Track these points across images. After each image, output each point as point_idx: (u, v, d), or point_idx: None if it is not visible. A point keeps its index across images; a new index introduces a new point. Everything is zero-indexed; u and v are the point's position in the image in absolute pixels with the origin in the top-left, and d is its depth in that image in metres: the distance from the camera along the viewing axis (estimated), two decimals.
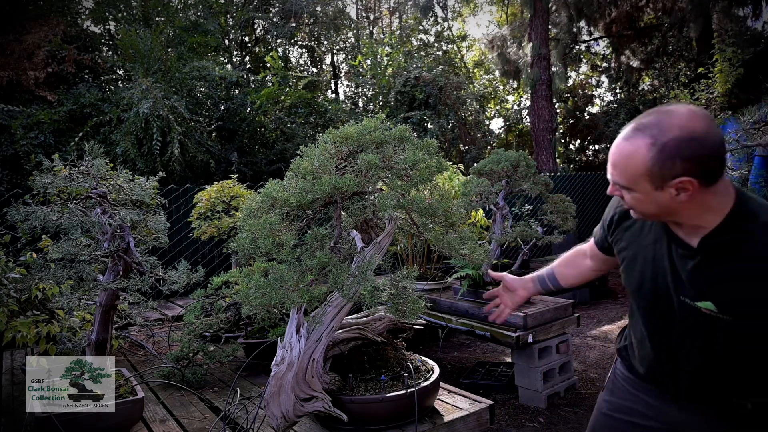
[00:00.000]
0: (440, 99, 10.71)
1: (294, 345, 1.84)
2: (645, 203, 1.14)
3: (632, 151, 1.09)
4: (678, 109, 1.08)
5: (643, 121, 1.10)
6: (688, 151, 1.04)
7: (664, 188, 1.08)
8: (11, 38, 7.14)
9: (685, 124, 1.05)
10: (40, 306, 2.89)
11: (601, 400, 1.55)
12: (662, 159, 1.05)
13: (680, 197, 1.09)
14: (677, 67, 13.94)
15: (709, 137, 1.04)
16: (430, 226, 1.96)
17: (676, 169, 1.05)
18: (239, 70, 9.74)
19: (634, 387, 1.44)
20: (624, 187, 1.15)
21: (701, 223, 1.13)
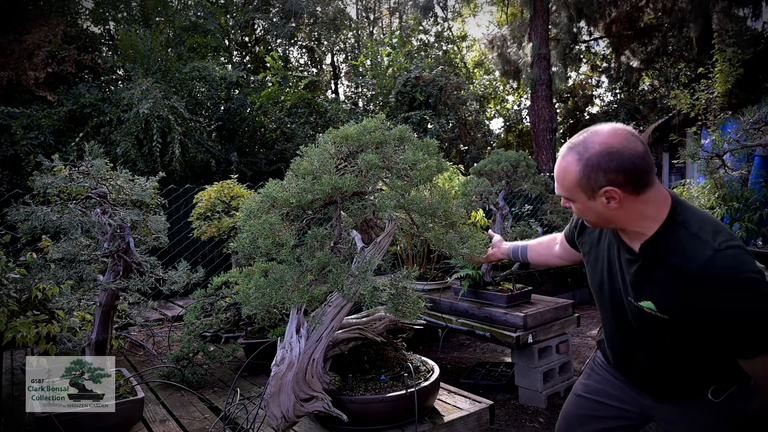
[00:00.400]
0: (440, 99, 10.71)
1: (294, 345, 1.84)
2: (585, 212, 1.29)
3: (565, 167, 1.25)
4: (602, 128, 1.22)
5: (574, 141, 1.25)
6: (607, 164, 1.17)
7: (596, 198, 1.22)
8: (11, 38, 7.14)
9: (604, 141, 1.19)
10: (40, 306, 2.89)
11: (577, 383, 1.69)
12: (587, 172, 1.20)
13: (611, 205, 1.21)
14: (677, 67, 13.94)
15: (625, 151, 1.17)
16: (430, 226, 1.96)
17: (600, 180, 1.19)
18: (239, 71, 9.74)
19: (609, 372, 1.57)
20: (568, 199, 1.31)
21: (640, 230, 1.25)
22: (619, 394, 1.53)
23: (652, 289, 1.23)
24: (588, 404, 1.60)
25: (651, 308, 1.24)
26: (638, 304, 1.27)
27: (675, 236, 1.20)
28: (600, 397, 1.57)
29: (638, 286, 1.27)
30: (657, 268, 1.22)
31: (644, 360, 1.39)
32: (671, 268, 1.18)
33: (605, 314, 1.48)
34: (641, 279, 1.26)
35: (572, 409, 1.66)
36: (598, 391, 1.58)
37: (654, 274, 1.23)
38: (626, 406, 1.52)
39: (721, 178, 4.07)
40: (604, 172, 1.18)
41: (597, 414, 1.58)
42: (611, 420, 1.56)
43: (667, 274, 1.19)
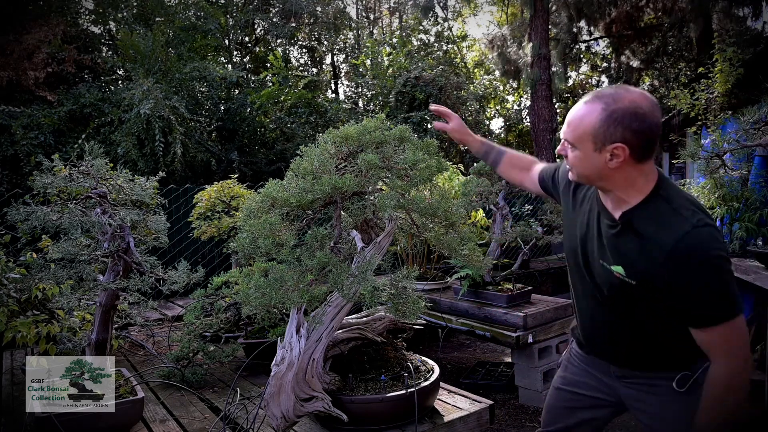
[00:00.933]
0: (440, 99, 10.69)
1: (294, 345, 1.84)
2: (582, 163, 1.31)
3: (587, 112, 1.26)
4: (635, 89, 1.26)
5: (604, 92, 1.27)
6: (630, 122, 1.21)
7: (602, 151, 1.25)
8: (11, 38, 7.13)
9: (635, 100, 1.22)
10: (40, 306, 2.89)
11: (556, 376, 1.72)
12: (608, 123, 1.22)
13: (612, 163, 1.25)
14: (677, 67, 13.93)
15: (649, 116, 1.22)
16: (430, 226, 1.96)
17: (617, 135, 1.22)
18: (239, 71, 9.73)
19: (585, 362, 1.61)
20: (571, 144, 1.32)
21: (625, 197, 1.30)
22: (596, 384, 1.56)
23: (626, 255, 1.29)
24: (567, 396, 1.64)
25: (620, 273, 1.30)
26: (610, 268, 1.33)
27: (657, 209, 1.26)
28: (577, 389, 1.61)
29: (613, 250, 1.32)
30: (633, 237, 1.28)
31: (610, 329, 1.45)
32: (648, 237, 1.24)
33: (576, 278, 1.52)
34: (616, 244, 1.32)
35: (553, 401, 1.69)
36: (575, 383, 1.62)
37: (630, 241, 1.28)
38: (602, 396, 1.56)
39: (721, 178, 4.07)
40: (623, 128, 1.21)
41: (576, 405, 1.61)
42: (590, 410, 1.59)
43: (643, 242, 1.25)
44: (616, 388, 1.51)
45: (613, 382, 1.52)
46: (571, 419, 1.62)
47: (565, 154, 1.36)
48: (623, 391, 1.49)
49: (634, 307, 1.35)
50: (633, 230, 1.28)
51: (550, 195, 1.70)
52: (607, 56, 16.04)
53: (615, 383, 1.51)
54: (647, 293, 1.29)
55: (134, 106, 6.82)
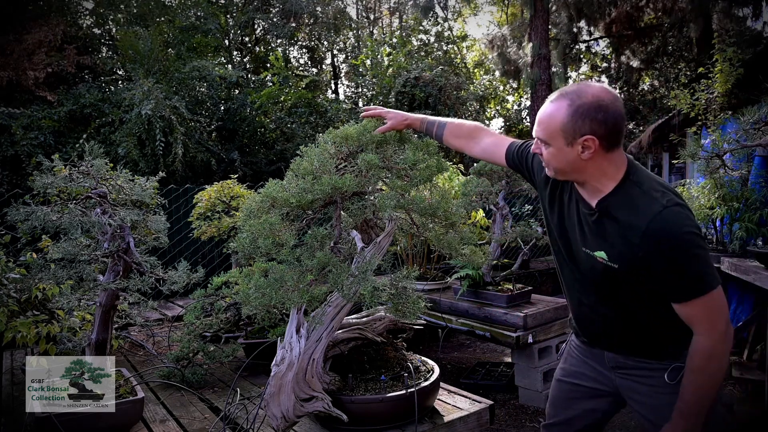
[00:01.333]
0: (440, 99, 10.70)
1: (294, 345, 1.84)
2: (558, 158, 1.37)
3: (554, 110, 1.34)
4: (595, 84, 1.35)
5: (567, 90, 1.35)
6: (595, 114, 1.28)
7: (573, 145, 1.32)
8: (11, 38, 7.13)
9: (597, 94, 1.30)
10: (40, 306, 2.89)
11: (558, 369, 1.76)
12: (576, 118, 1.30)
13: (584, 155, 1.32)
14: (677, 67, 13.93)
15: (612, 107, 1.29)
16: (430, 226, 1.96)
17: (585, 128, 1.29)
18: (239, 71, 9.73)
19: (584, 354, 1.65)
20: (544, 142, 1.38)
21: (599, 186, 1.37)
22: (594, 375, 1.60)
23: (606, 240, 1.36)
24: (567, 387, 1.67)
25: (603, 257, 1.36)
26: (593, 254, 1.39)
27: (628, 194, 1.33)
28: (577, 380, 1.64)
29: (594, 237, 1.39)
30: (611, 222, 1.35)
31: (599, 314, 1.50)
32: (623, 221, 1.31)
33: (563, 267, 1.58)
34: (597, 231, 1.38)
35: (555, 393, 1.72)
36: (574, 374, 1.66)
37: (608, 227, 1.35)
38: (601, 386, 1.59)
39: (721, 178, 4.07)
40: (590, 121, 1.29)
41: (577, 396, 1.64)
42: (590, 400, 1.62)
43: (620, 227, 1.32)
44: (612, 378, 1.56)
45: (609, 373, 1.56)
46: (573, 410, 1.65)
47: (540, 152, 1.42)
48: (619, 382, 1.54)
49: (618, 290, 1.41)
50: (610, 216, 1.35)
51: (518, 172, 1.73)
52: (607, 56, 16.03)
53: (611, 374, 1.55)
54: (630, 276, 1.34)
55: (134, 106, 6.82)
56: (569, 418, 1.66)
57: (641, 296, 1.39)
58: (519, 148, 1.69)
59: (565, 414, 1.67)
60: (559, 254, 1.58)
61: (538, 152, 1.43)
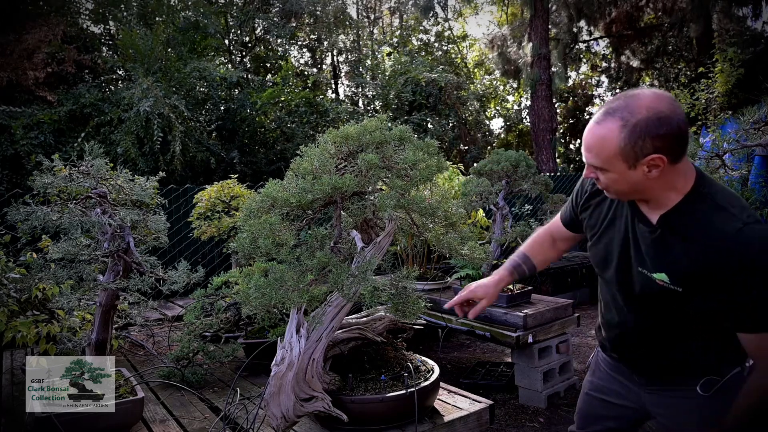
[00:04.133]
0: (440, 99, 10.71)
1: (294, 345, 1.84)
2: (620, 182, 1.21)
3: (605, 133, 1.16)
4: (644, 92, 1.16)
5: (613, 105, 1.17)
6: (657, 130, 1.11)
7: (637, 166, 1.15)
8: (11, 38, 7.13)
9: (651, 105, 1.12)
10: (40, 306, 2.89)
11: (585, 381, 1.68)
12: (634, 139, 1.12)
13: (652, 174, 1.16)
14: (677, 67, 13.93)
15: (673, 117, 1.12)
16: (430, 226, 1.96)
17: (647, 147, 1.12)
18: (240, 71, 9.73)
19: (611, 369, 1.56)
20: (599, 168, 1.22)
21: (664, 201, 1.22)
22: (621, 390, 1.53)
23: (669, 261, 1.21)
24: (595, 402, 1.62)
25: (664, 280, 1.22)
26: (651, 276, 1.24)
27: (699, 208, 1.18)
28: (604, 395, 1.58)
29: (654, 257, 1.24)
30: (677, 240, 1.19)
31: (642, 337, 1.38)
32: (694, 239, 1.16)
33: (608, 288, 1.44)
34: (658, 250, 1.23)
35: (583, 406, 1.68)
36: (602, 389, 1.59)
37: (673, 245, 1.20)
38: (628, 403, 1.52)
39: (721, 178, 4.08)
40: (652, 139, 1.11)
41: (603, 413, 1.59)
42: (616, 419, 1.57)
43: (688, 245, 1.17)
44: (639, 394, 1.48)
45: (638, 389, 1.48)
46: (599, 425, 1.61)
47: (596, 177, 1.26)
48: (647, 398, 1.46)
49: (673, 314, 1.29)
50: (675, 233, 1.20)
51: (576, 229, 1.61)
52: (607, 56, 16.04)
53: (639, 390, 1.48)
54: (693, 299, 1.21)
55: (134, 105, 6.82)
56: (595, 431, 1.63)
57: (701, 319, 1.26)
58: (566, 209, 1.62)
59: (591, 427, 1.64)
60: (606, 274, 1.41)
61: (593, 176, 1.26)
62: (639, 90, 1.18)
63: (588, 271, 6.78)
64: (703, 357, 1.32)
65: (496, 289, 1.69)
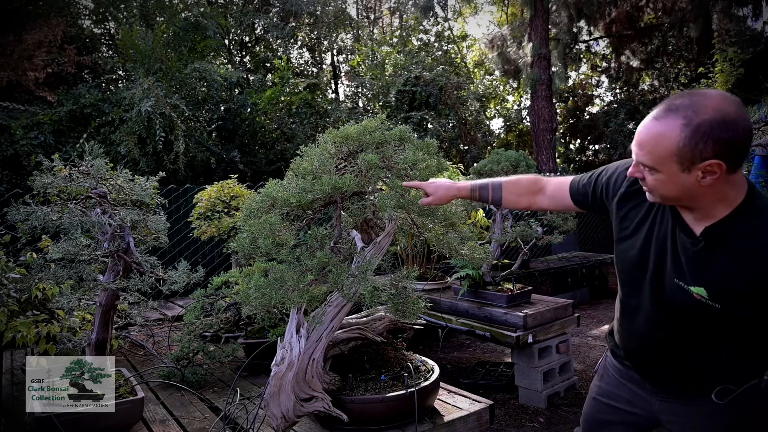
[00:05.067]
0: (440, 99, 10.71)
1: (294, 345, 1.84)
2: (668, 185, 1.13)
3: (664, 131, 1.09)
4: (711, 92, 1.09)
5: (677, 102, 1.09)
6: (721, 134, 1.03)
7: (692, 170, 1.08)
8: (11, 38, 7.13)
9: (719, 106, 1.04)
10: (40, 306, 2.89)
11: (593, 385, 1.64)
12: (695, 140, 1.05)
13: (705, 180, 1.08)
14: (677, 67, 13.94)
15: (740, 122, 1.05)
16: (430, 226, 1.96)
17: (707, 151, 1.05)
18: (239, 71, 9.73)
19: (621, 375, 1.51)
20: (649, 168, 1.14)
21: (712, 212, 1.14)
22: (630, 397, 1.50)
23: (710, 275, 1.15)
24: (603, 408, 1.59)
25: (702, 295, 1.16)
26: (688, 288, 1.19)
27: (752, 222, 1.12)
28: (612, 401, 1.55)
29: (694, 270, 1.18)
30: (722, 254, 1.14)
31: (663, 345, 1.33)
32: (741, 249, 1.11)
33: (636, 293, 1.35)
34: (699, 264, 1.17)
35: (589, 411, 1.65)
36: (610, 394, 1.56)
37: (717, 259, 1.15)
38: (637, 410, 1.49)
39: None
40: (714, 142, 1.04)
41: (611, 418, 1.56)
42: (623, 426, 1.54)
43: (735, 256, 1.12)
44: (650, 402, 1.45)
45: (648, 396, 1.45)
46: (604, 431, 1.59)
47: (641, 177, 1.19)
48: (658, 406, 1.43)
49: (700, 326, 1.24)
50: (720, 246, 1.14)
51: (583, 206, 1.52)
52: (607, 56, 16.05)
53: (650, 397, 1.45)
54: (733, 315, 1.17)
55: (135, 105, 6.82)
56: None
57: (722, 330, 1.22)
58: (584, 179, 1.50)
59: None
60: (633, 282, 1.35)
61: (639, 176, 1.20)
62: (706, 90, 1.13)
63: (588, 271, 6.78)
64: (722, 366, 1.29)
65: (447, 192, 1.69)
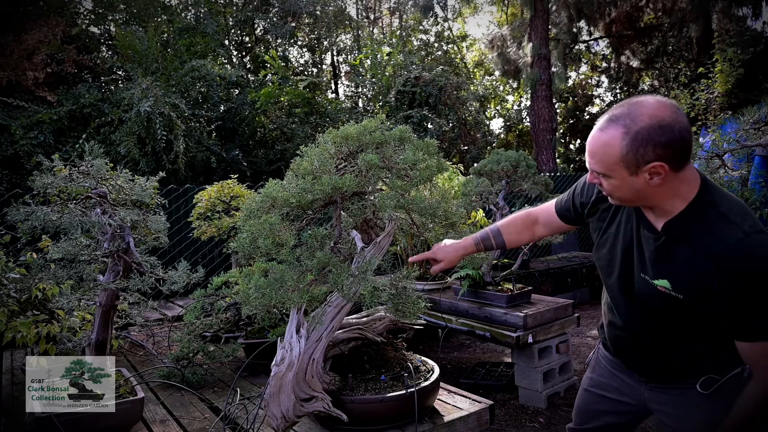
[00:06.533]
0: (440, 99, 10.70)
1: (294, 345, 1.84)
2: (622, 188, 1.22)
3: (608, 140, 1.18)
4: (647, 99, 1.18)
5: (616, 113, 1.19)
6: (658, 138, 1.13)
7: (639, 173, 1.17)
8: (11, 38, 7.13)
9: (653, 113, 1.14)
10: (40, 306, 2.89)
11: (585, 378, 1.70)
12: (636, 146, 1.14)
13: (653, 181, 1.17)
14: (677, 67, 13.94)
15: (676, 124, 1.13)
16: (430, 226, 1.96)
17: (649, 155, 1.14)
18: (239, 70, 9.73)
19: (612, 366, 1.58)
20: (602, 175, 1.24)
21: (668, 208, 1.23)
22: (621, 387, 1.55)
23: (671, 268, 1.23)
24: (594, 398, 1.63)
25: (666, 287, 1.24)
26: (653, 282, 1.26)
27: (703, 216, 1.19)
28: (604, 391, 1.60)
29: (657, 264, 1.26)
30: (680, 247, 1.22)
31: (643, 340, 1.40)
32: (696, 247, 1.18)
33: (611, 291, 1.45)
34: (661, 257, 1.25)
35: (581, 402, 1.69)
36: (601, 385, 1.61)
37: (675, 252, 1.22)
38: (627, 399, 1.54)
39: (721, 178, 4.08)
40: (653, 147, 1.13)
41: (603, 408, 1.60)
42: (615, 414, 1.58)
43: (692, 253, 1.19)
44: (640, 391, 1.50)
45: (638, 385, 1.50)
46: (598, 421, 1.62)
47: (599, 183, 1.28)
48: (647, 395, 1.48)
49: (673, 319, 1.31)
50: (679, 241, 1.22)
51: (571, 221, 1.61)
52: (607, 56, 16.05)
53: (639, 386, 1.50)
54: (694, 306, 1.23)
55: (134, 105, 6.82)
56: (593, 428, 1.64)
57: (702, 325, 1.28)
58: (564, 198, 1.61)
59: (590, 423, 1.64)
60: (609, 278, 1.44)
61: (597, 183, 1.29)
62: (643, 97, 1.20)
63: (588, 271, 6.78)
64: (702, 359, 1.34)
65: (455, 254, 1.76)
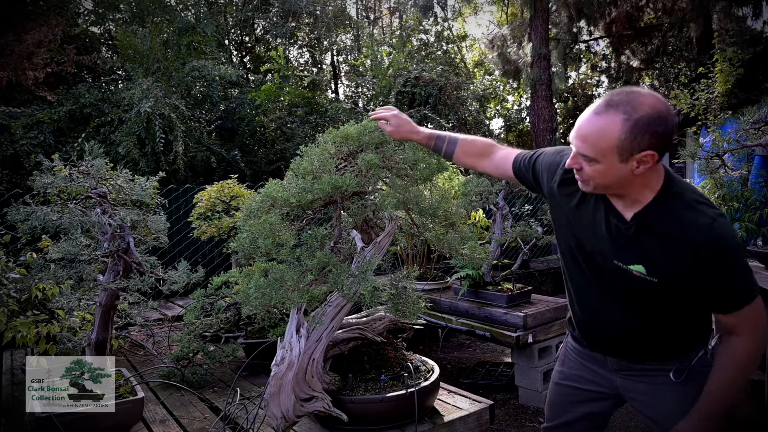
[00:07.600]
0: (440, 99, 10.70)
1: (294, 345, 1.84)
2: (606, 175, 1.24)
3: (605, 124, 1.19)
4: (643, 90, 1.22)
5: (615, 99, 1.20)
6: (656, 127, 1.17)
7: (629, 161, 1.20)
8: (11, 38, 7.13)
9: (653, 104, 1.18)
10: (40, 306, 2.89)
11: (555, 372, 1.71)
12: (635, 133, 1.17)
13: (638, 170, 1.21)
14: (677, 67, 13.93)
15: (670, 117, 1.20)
16: (430, 226, 1.96)
17: (644, 143, 1.18)
18: (239, 70, 9.73)
19: (582, 357, 1.60)
20: (589, 159, 1.24)
21: (639, 198, 1.28)
22: (592, 377, 1.57)
23: (644, 254, 1.28)
24: (566, 391, 1.64)
25: (641, 272, 1.29)
26: (627, 268, 1.31)
27: (670, 206, 1.26)
28: (575, 383, 1.61)
29: (630, 251, 1.30)
30: (651, 236, 1.27)
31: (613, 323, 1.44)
32: (669, 235, 1.24)
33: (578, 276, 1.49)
34: (632, 244, 1.30)
35: (553, 396, 1.69)
36: (572, 377, 1.62)
37: (647, 240, 1.27)
38: (601, 388, 1.56)
39: (721, 178, 4.08)
40: (650, 135, 1.17)
41: (575, 399, 1.61)
42: (589, 403, 1.59)
43: (663, 241, 1.25)
44: (612, 380, 1.52)
45: (610, 375, 1.53)
46: (572, 413, 1.63)
47: (579, 168, 1.28)
48: (620, 383, 1.51)
49: (649, 302, 1.35)
50: (650, 229, 1.27)
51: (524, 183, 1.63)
52: (607, 56, 16.03)
53: (611, 375, 1.52)
54: (670, 289, 1.29)
55: (134, 105, 6.82)
56: (568, 422, 1.64)
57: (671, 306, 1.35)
58: (526, 158, 1.59)
59: (565, 417, 1.64)
60: (575, 264, 1.47)
61: (576, 167, 1.29)
62: (637, 87, 1.24)
63: None
64: (669, 342, 1.40)
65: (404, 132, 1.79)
